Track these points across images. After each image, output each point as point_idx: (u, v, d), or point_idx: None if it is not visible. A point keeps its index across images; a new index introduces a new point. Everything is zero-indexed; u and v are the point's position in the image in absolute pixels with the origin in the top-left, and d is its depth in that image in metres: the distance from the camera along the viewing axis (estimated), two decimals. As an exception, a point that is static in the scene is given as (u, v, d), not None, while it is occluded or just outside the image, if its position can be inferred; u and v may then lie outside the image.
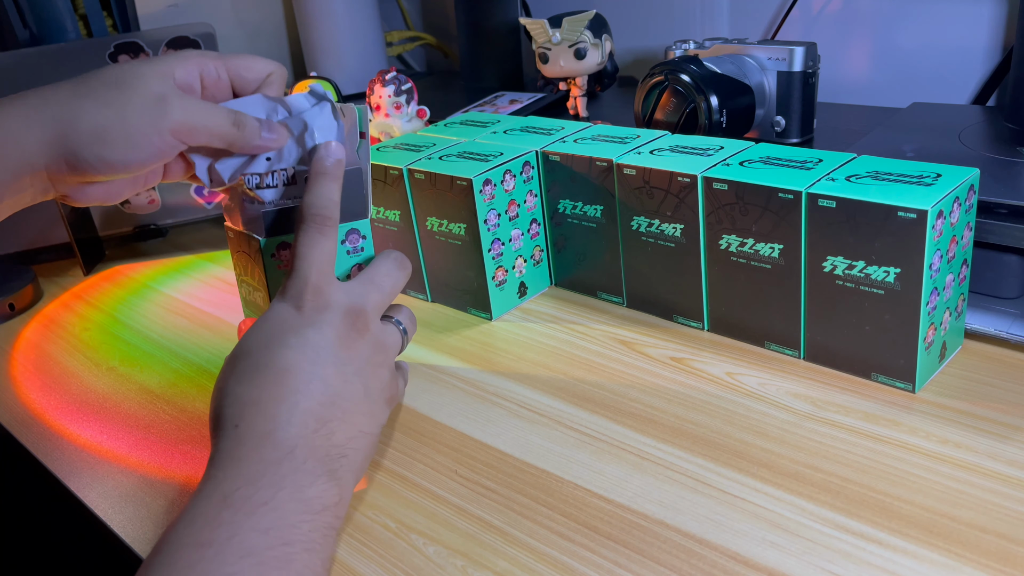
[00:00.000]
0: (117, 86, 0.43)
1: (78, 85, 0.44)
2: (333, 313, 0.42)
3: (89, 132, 0.42)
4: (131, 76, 0.44)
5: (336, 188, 0.46)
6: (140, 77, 0.44)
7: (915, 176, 0.50)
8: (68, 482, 0.52)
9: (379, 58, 1.25)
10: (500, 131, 0.71)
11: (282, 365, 0.40)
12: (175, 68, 0.45)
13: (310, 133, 0.48)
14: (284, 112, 0.48)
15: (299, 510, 0.36)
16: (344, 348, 0.42)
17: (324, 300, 0.42)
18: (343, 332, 0.42)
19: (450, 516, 0.45)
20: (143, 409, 0.60)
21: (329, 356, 0.41)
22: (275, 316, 0.42)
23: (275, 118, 0.48)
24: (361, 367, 0.42)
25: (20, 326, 0.75)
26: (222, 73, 0.48)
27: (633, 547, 0.41)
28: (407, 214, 0.67)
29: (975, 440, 0.46)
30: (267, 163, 0.48)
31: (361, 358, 0.42)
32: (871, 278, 0.49)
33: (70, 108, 0.43)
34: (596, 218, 0.63)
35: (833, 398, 0.51)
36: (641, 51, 1.09)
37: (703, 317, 0.59)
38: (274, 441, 0.38)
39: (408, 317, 0.49)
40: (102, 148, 0.43)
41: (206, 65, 0.47)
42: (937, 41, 0.83)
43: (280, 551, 0.34)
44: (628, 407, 0.52)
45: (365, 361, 0.42)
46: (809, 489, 0.44)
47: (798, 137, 0.74)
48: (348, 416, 0.40)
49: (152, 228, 0.91)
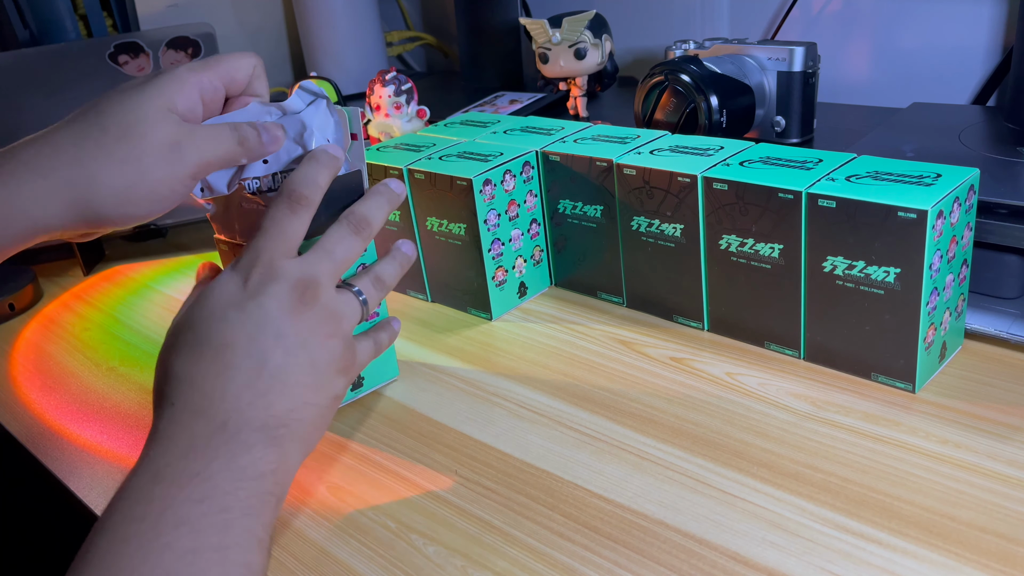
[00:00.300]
0: (126, 137, 0.41)
1: (80, 139, 0.42)
2: (279, 285, 0.41)
3: (111, 195, 0.41)
4: (135, 120, 0.42)
5: (322, 173, 0.44)
6: (145, 121, 0.42)
7: (915, 176, 0.50)
8: (68, 482, 0.52)
9: (379, 58, 1.25)
10: (500, 131, 0.71)
11: (220, 340, 0.40)
12: (175, 99, 0.43)
13: (308, 132, 0.47)
14: (279, 113, 0.48)
15: (234, 478, 0.37)
16: (288, 320, 0.41)
17: (272, 273, 0.41)
18: (288, 304, 0.41)
19: (450, 516, 0.45)
20: (143, 409, 0.60)
21: (269, 329, 0.40)
22: (221, 288, 0.41)
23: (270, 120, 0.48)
24: (306, 339, 0.41)
25: (20, 326, 0.75)
26: (216, 83, 0.46)
27: (633, 547, 0.41)
28: (407, 214, 0.67)
29: (975, 440, 0.46)
30: (264, 166, 0.47)
31: (307, 329, 0.41)
32: (871, 278, 0.49)
33: (84, 170, 0.41)
34: (596, 218, 0.63)
35: (833, 398, 0.51)
36: (641, 51, 1.09)
37: (703, 317, 0.59)
38: (206, 417, 0.38)
39: (372, 282, 0.47)
40: (128, 207, 0.42)
41: (202, 83, 0.45)
42: (937, 41, 0.83)
43: (217, 518, 0.35)
44: (628, 407, 0.52)
45: (312, 332, 0.42)
46: (809, 489, 0.44)
47: (798, 137, 0.74)
48: (289, 388, 0.40)
49: (152, 228, 0.91)
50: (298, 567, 0.43)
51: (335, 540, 0.45)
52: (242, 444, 0.38)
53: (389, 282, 0.48)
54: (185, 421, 0.38)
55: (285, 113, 0.48)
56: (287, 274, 0.42)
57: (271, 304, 0.41)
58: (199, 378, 0.39)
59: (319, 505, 0.47)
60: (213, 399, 0.38)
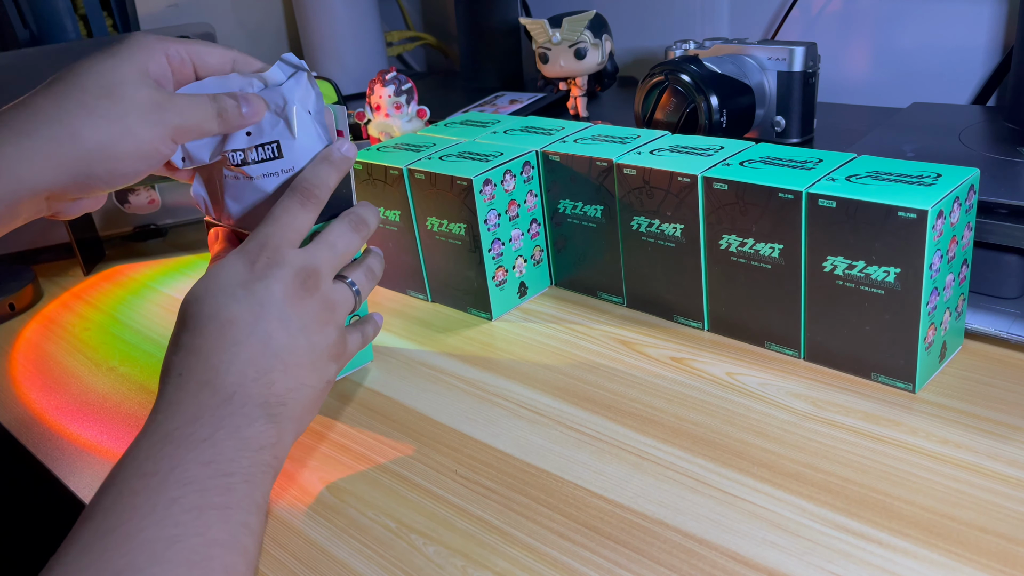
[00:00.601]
0: (108, 96, 0.42)
1: (61, 99, 0.42)
2: (284, 271, 0.43)
3: (96, 149, 0.42)
4: (114, 82, 0.43)
5: (334, 175, 0.47)
6: (125, 83, 0.43)
7: (915, 176, 0.50)
8: (68, 482, 0.52)
9: (379, 58, 1.25)
10: (500, 131, 0.71)
11: (226, 316, 0.41)
12: (148, 63, 0.44)
13: (289, 105, 0.47)
14: (260, 85, 0.48)
15: (237, 447, 0.39)
16: (291, 305, 0.43)
17: (278, 258, 0.43)
18: (291, 290, 0.43)
19: (450, 516, 0.45)
20: (143, 409, 0.60)
21: (274, 311, 0.42)
22: (229, 268, 0.43)
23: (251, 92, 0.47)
24: (307, 324, 0.44)
25: (20, 326, 0.75)
26: (184, 56, 0.47)
27: (633, 547, 0.41)
28: (407, 214, 0.67)
29: (975, 440, 0.46)
30: (247, 138, 0.47)
31: (307, 315, 0.44)
32: (871, 278, 0.49)
33: (66, 128, 0.41)
34: (596, 218, 0.63)
35: (833, 398, 0.51)
36: (641, 51, 1.09)
37: (703, 317, 0.59)
38: (213, 388, 0.40)
39: (364, 274, 0.49)
40: (113, 163, 0.43)
41: (168, 49, 0.46)
42: (937, 41, 0.83)
43: (221, 480, 0.37)
44: (628, 407, 0.52)
45: (311, 318, 0.44)
46: (809, 489, 0.44)
47: (798, 137, 0.74)
48: (290, 369, 0.42)
49: (152, 228, 0.91)
50: (298, 567, 0.43)
51: (335, 540, 0.45)
52: (246, 417, 0.40)
53: (379, 273, 0.51)
54: (192, 390, 0.40)
55: (267, 85, 0.48)
56: (292, 261, 0.44)
57: (277, 287, 0.43)
58: (206, 350, 0.41)
59: (319, 505, 0.47)
60: (219, 371, 0.40)
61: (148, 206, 0.91)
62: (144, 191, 0.90)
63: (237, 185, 0.49)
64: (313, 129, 0.48)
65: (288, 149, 0.48)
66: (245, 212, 0.49)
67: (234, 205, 0.50)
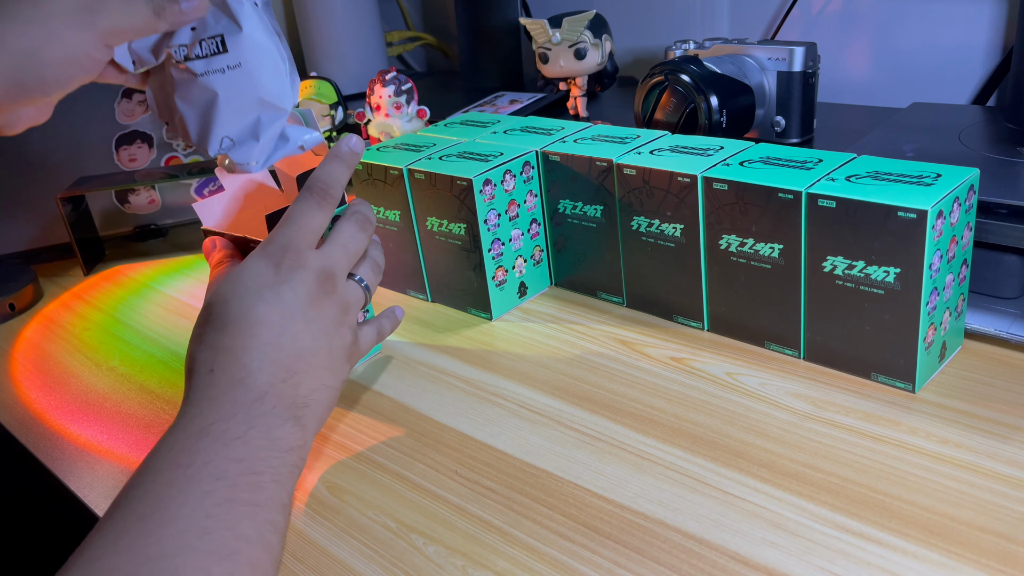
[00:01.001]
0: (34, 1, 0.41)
1: None
2: (306, 273, 0.44)
3: (22, 55, 0.41)
4: None
5: (345, 172, 0.48)
6: None
7: (915, 176, 0.50)
8: (68, 482, 0.52)
9: (379, 58, 1.25)
10: (500, 131, 0.71)
11: (256, 317, 0.42)
12: None
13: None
14: None
15: (268, 447, 0.39)
16: (313, 307, 0.44)
17: (300, 261, 0.44)
18: (313, 292, 0.44)
19: (450, 516, 0.45)
20: (143, 409, 0.60)
21: (299, 313, 0.43)
22: (253, 269, 0.44)
23: None
24: (327, 326, 0.45)
25: (20, 326, 0.75)
26: None
27: (633, 547, 0.41)
28: (407, 214, 0.67)
29: (975, 440, 0.46)
30: (192, 33, 0.46)
31: (327, 317, 0.45)
32: (871, 278, 0.49)
33: None
34: (596, 218, 0.63)
35: (833, 398, 0.51)
36: (641, 51, 1.09)
37: (703, 317, 0.59)
38: (246, 386, 0.41)
39: (371, 268, 0.50)
40: (41, 69, 0.41)
41: None
42: (937, 41, 0.83)
43: (251, 479, 0.38)
44: (628, 407, 0.52)
45: (331, 320, 0.45)
46: (809, 489, 0.44)
47: (798, 137, 0.74)
48: (313, 370, 0.43)
49: (152, 228, 0.91)
50: (298, 567, 0.43)
51: (335, 540, 0.45)
52: (277, 418, 0.41)
53: (382, 264, 0.52)
54: (225, 387, 0.40)
55: None
56: (313, 264, 0.45)
57: (301, 290, 0.44)
58: (238, 349, 0.41)
59: (319, 505, 0.47)
60: (251, 370, 0.41)
61: (148, 206, 0.91)
62: (144, 191, 0.90)
63: (184, 84, 0.47)
64: (259, 21, 0.46)
65: (234, 43, 0.46)
66: (197, 117, 0.47)
67: (185, 108, 0.47)
